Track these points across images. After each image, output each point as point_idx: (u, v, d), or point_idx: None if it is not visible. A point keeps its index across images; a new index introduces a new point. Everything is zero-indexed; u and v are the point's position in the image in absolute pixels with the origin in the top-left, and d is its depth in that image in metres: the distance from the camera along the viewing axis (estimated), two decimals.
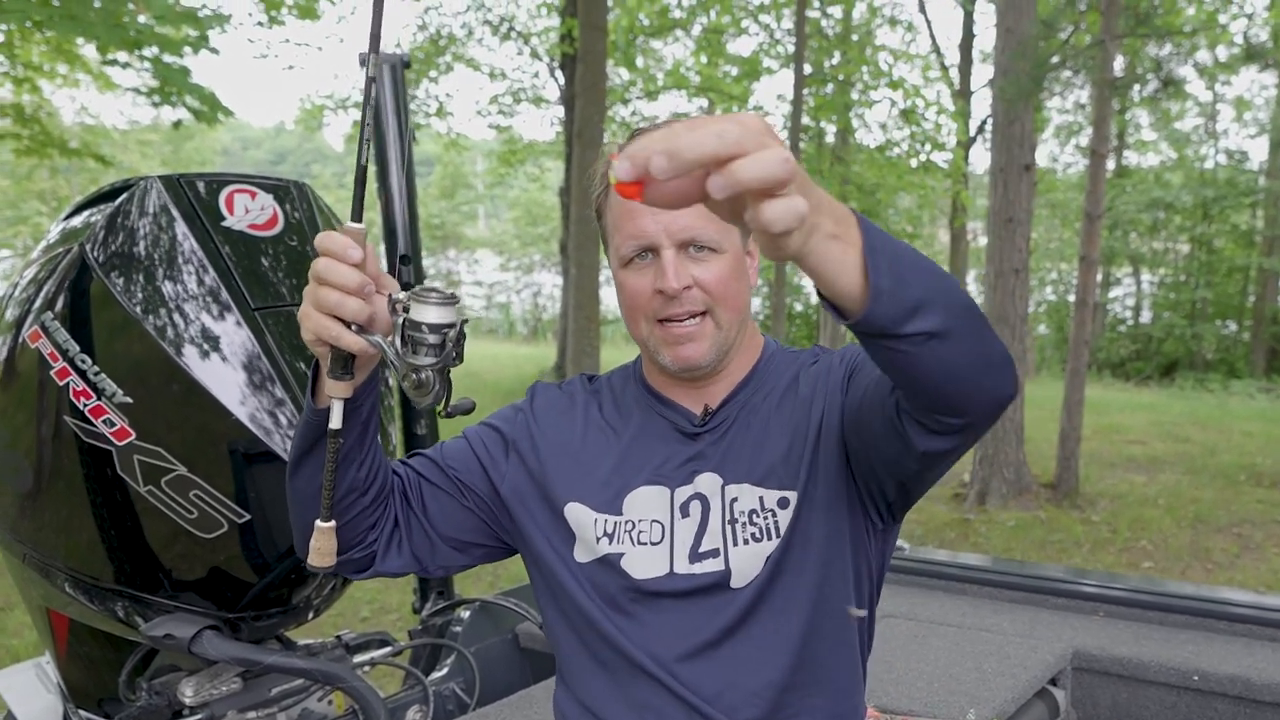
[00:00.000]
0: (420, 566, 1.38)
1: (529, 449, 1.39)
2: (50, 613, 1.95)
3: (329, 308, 1.05)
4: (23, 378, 1.78)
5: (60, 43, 8.91)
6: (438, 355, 1.08)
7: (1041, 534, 6.98)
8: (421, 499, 1.37)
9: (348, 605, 5.23)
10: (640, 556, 1.31)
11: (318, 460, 1.21)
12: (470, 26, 15.78)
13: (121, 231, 1.77)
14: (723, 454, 1.33)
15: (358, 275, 1.05)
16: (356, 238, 1.06)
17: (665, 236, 1.26)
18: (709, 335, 1.30)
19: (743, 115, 0.76)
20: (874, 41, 17.22)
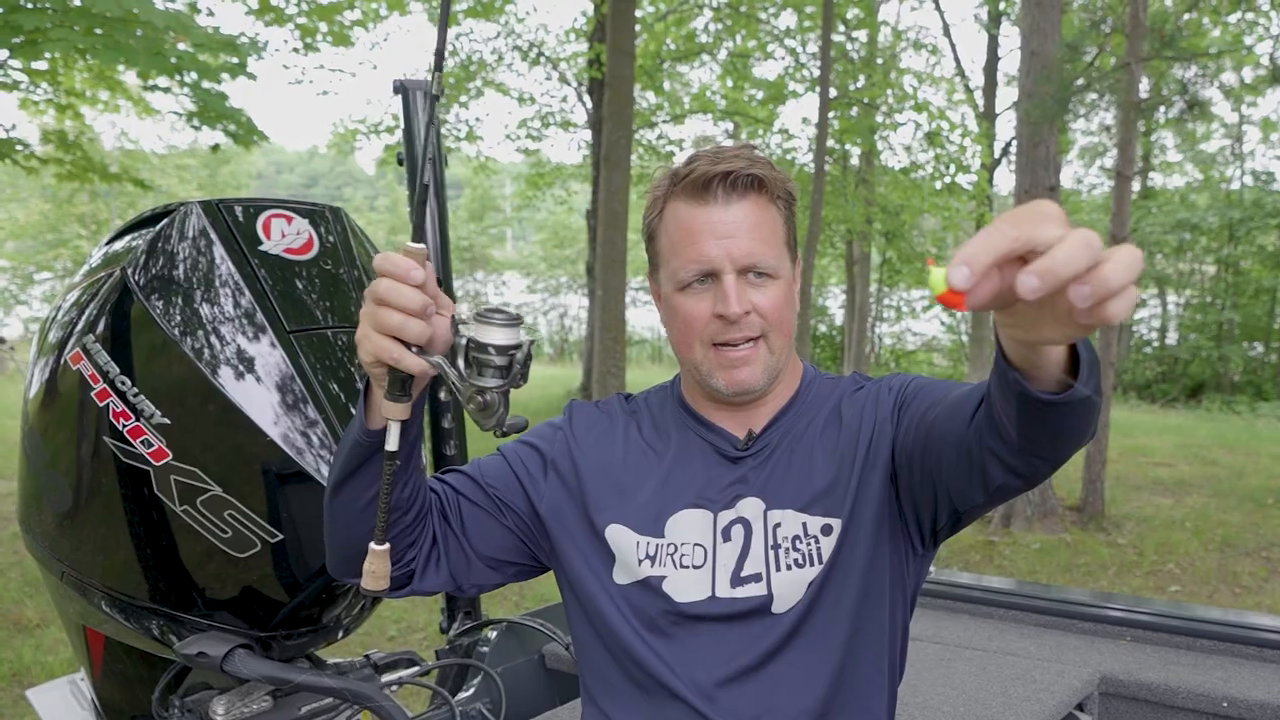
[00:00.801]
0: (456, 585, 1.37)
1: (569, 469, 1.39)
2: (87, 630, 1.96)
3: (391, 329, 1.04)
4: (64, 398, 1.80)
5: (102, 69, 9.05)
6: (504, 377, 1.06)
7: (1067, 557, 6.90)
8: (460, 517, 1.36)
9: (375, 624, 5.24)
10: (682, 580, 1.30)
11: (363, 480, 1.20)
12: (500, 52, 15.90)
13: (162, 255, 1.79)
14: (766, 479, 1.32)
15: (420, 297, 1.04)
16: (418, 258, 1.04)
17: (728, 261, 1.27)
18: (762, 359, 1.30)
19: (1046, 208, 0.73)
20: (899, 65, 17.22)
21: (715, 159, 1.28)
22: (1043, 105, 6.66)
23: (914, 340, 24.29)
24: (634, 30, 10.70)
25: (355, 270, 1.89)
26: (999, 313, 0.81)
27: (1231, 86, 15.56)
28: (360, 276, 1.89)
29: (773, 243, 1.29)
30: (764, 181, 1.29)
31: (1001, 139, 17.65)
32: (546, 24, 17.66)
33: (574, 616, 1.41)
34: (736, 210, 1.27)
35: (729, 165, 1.27)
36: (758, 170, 1.28)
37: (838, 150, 16.37)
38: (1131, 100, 6.94)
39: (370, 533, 1.17)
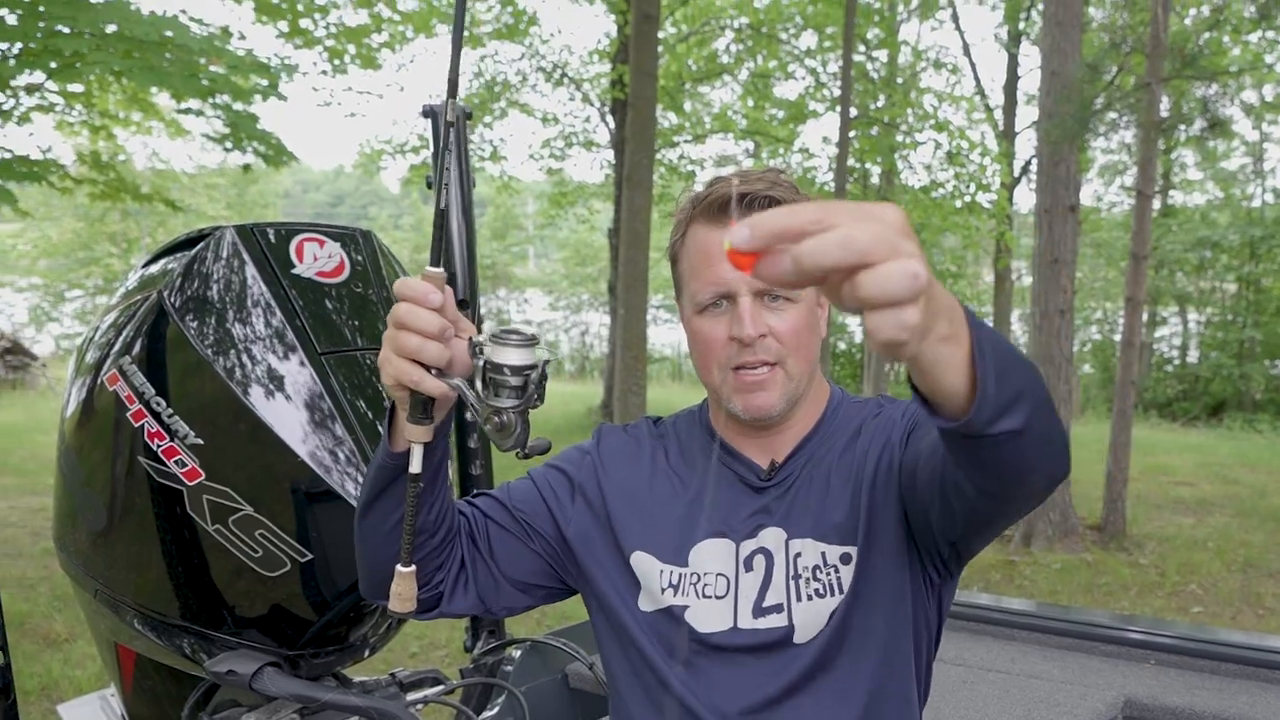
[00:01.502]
0: (484, 607, 1.37)
1: (595, 494, 1.38)
2: (118, 647, 1.97)
3: (409, 352, 1.04)
4: (100, 418, 1.82)
5: (135, 92, 9.18)
6: (519, 397, 1.06)
7: (1088, 577, 6.83)
8: (488, 540, 1.36)
9: (398, 641, 5.24)
10: (705, 610, 1.30)
11: (389, 503, 1.21)
12: (525, 73, 16.01)
13: (197, 278, 1.81)
14: (787, 508, 1.31)
15: (438, 320, 1.04)
16: (436, 282, 1.05)
17: (743, 284, 1.25)
18: (779, 384, 1.28)
19: (878, 210, 0.71)
20: (919, 84, 17.21)
21: (735, 182, 1.28)
22: (1063, 125, 6.64)
23: None
24: (656, 52, 10.75)
25: (385, 292, 1.90)
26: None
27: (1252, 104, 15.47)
28: (389, 298, 1.90)
29: None
30: (783, 203, 1.27)
31: (1021, 157, 17.59)
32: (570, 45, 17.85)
33: (604, 639, 1.40)
34: None
35: (748, 188, 1.26)
36: (776, 193, 1.27)
37: (858, 169, 16.36)
38: (1152, 119, 6.91)
39: (397, 556, 1.17)
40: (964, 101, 17.94)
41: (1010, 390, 0.87)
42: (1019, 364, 0.90)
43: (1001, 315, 18.09)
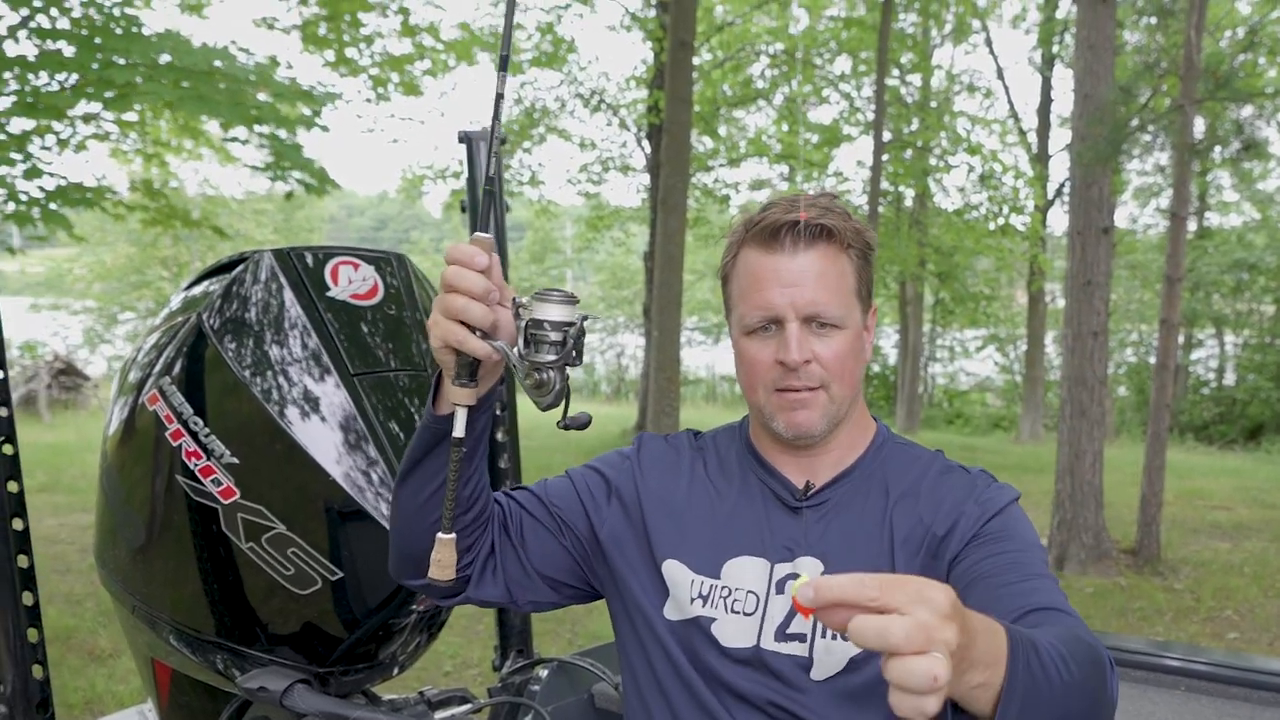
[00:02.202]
0: (511, 599, 1.37)
1: (632, 499, 1.38)
2: (155, 662, 1.99)
3: (455, 312, 1.07)
4: (141, 437, 1.84)
5: (187, 120, 9.34)
6: (559, 352, 1.09)
7: (1121, 601, 6.70)
8: (521, 531, 1.36)
9: (430, 660, 5.25)
10: (731, 624, 1.29)
11: (429, 468, 1.22)
12: (563, 99, 16.13)
13: (236, 301, 1.83)
14: (827, 540, 1.30)
15: (483, 281, 1.07)
16: (484, 246, 1.08)
17: (792, 310, 1.26)
18: (822, 405, 1.29)
19: (929, 593, 0.78)
20: (952, 108, 17.14)
21: (789, 207, 1.28)
22: (1095, 147, 6.57)
23: (967, 380, 23.94)
24: (691, 78, 10.79)
25: (418, 314, 1.91)
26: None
27: None
28: (422, 320, 1.91)
29: (839, 292, 1.28)
30: (834, 231, 1.27)
31: (1056, 180, 17.44)
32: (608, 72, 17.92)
33: (629, 645, 1.39)
34: (804, 259, 1.27)
35: (800, 214, 1.27)
36: (828, 220, 1.27)
37: (892, 192, 16.30)
38: (1185, 141, 6.82)
39: (430, 527, 1.20)
40: (997, 124, 17.83)
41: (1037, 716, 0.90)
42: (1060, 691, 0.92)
43: (1036, 337, 17.90)
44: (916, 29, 16.85)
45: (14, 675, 1.72)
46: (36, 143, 7.49)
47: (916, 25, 16.95)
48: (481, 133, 2.39)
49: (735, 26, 16.08)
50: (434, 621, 1.92)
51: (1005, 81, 23.65)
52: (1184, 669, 2.44)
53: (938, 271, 17.96)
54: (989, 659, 0.86)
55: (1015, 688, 0.87)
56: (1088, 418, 7.15)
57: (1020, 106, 20.31)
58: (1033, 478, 11.26)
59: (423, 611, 1.85)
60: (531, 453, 2.03)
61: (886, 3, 12.68)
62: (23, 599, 1.73)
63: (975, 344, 23.41)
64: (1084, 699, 0.96)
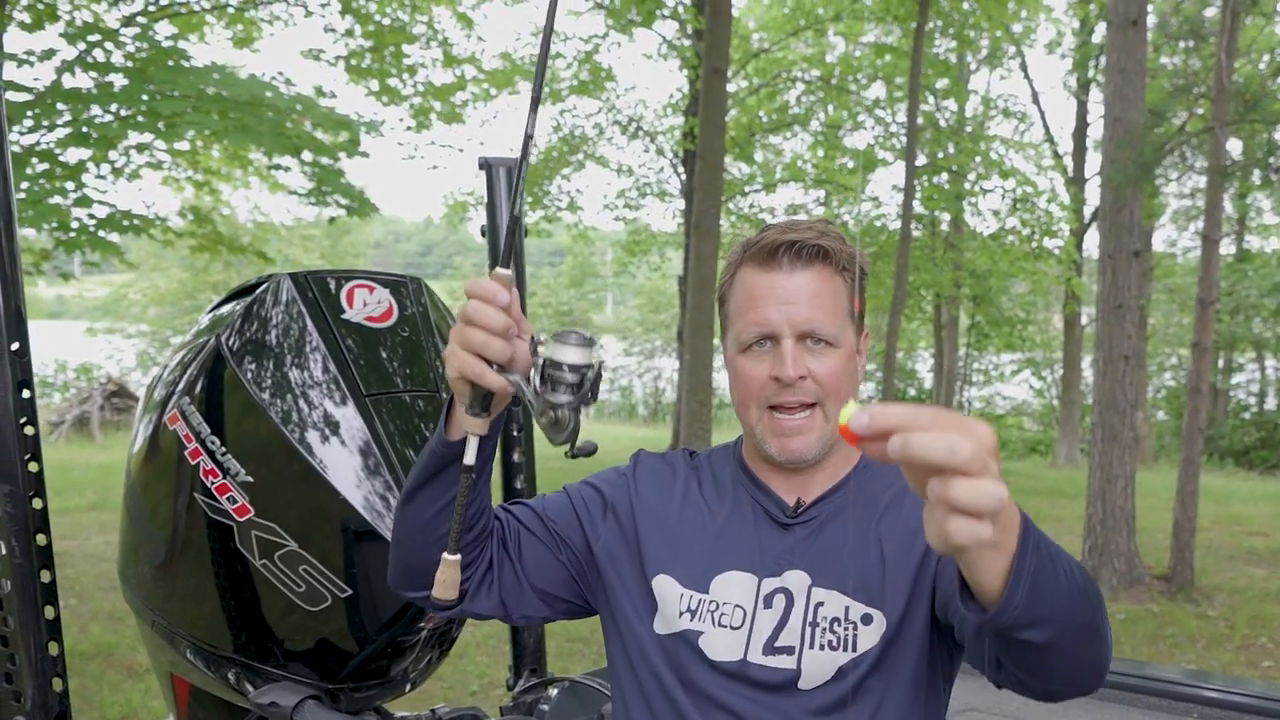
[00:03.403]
0: (505, 612, 1.37)
1: (626, 514, 1.39)
2: (174, 677, 2.00)
3: (475, 348, 1.08)
4: (163, 456, 1.85)
5: (235, 149, 9.52)
6: (575, 394, 1.10)
7: (1153, 628, 6.54)
8: (519, 545, 1.37)
9: (458, 679, 5.24)
10: (718, 638, 1.28)
11: (434, 489, 1.23)
12: (602, 126, 16.23)
13: (255, 322, 1.84)
14: (815, 554, 1.29)
15: (503, 318, 1.08)
16: (504, 283, 1.09)
17: (787, 326, 1.27)
18: (816, 429, 1.29)
19: (978, 429, 0.80)
20: (987, 132, 17.02)
21: (786, 229, 1.30)
22: (1125, 170, 6.48)
23: (1004, 404, 23.62)
24: (725, 105, 10.82)
25: (433, 337, 1.92)
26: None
27: None
28: (437, 342, 1.91)
29: (834, 312, 1.29)
30: (829, 252, 1.29)
31: (1091, 204, 17.23)
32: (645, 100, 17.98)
33: (617, 658, 1.39)
34: (800, 278, 1.28)
35: (797, 235, 1.28)
36: (824, 242, 1.28)
37: (927, 216, 16.20)
38: (1217, 164, 6.71)
39: (432, 544, 1.21)
40: (1032, 149, 17.68)
41: (1043, 607, 0.91)
42: (1067, 590, 0.95)
43: (1071, 361, 17.64)
44: (954, 53, 16.79)
45: (35, 688, 1.74)
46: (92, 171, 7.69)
47: (951, 51, 16.89)
48: (501, 160, 2.41)
49: (771, 53, 16.11)
50: (444, 638, 1.91)
51: (1041, 106, 23.48)
52: (1193, 695, 2.37)
53: (972, 294, 17.80)
54: (1006, 522, 0.87)
55: (1025, 561, 0.89)
56: (1119, 442, 7.03)
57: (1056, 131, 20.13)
58: (1067, 502, 11.07)
59: (433, 628, 1.84)
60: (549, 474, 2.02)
61: (919, 28, 12.65)
62: (44, 613, 1.75)
63: (1011, 368, 23.11)
64: (1086, 611, 0.97)
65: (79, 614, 6.52)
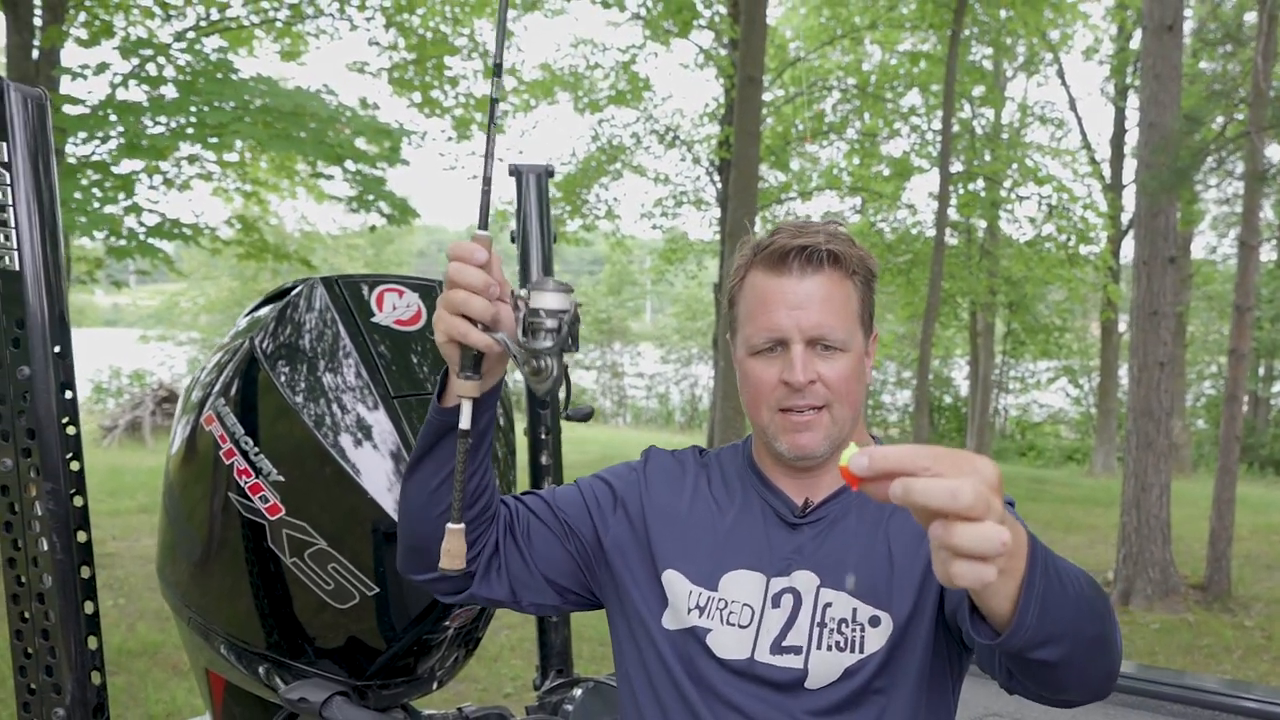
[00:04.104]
0: (514, 598, 1.38)
1: (636, 509, 1.39)
2: (209, 673, 2.02)
3: (457, 306, 1.09)
4: (200, 456, 1.88)
5: (282, 160, 9.67)
6: (555, 338, 1.12)
7: (1188, 638, 6.40)
8: (528, 532, 1.37)
9: (492, 681, 5.25)
10: (726, 636, 1.28)
11: (435, 460, 1.24)
12: (639, 136, 16.24)
13: (288, 325, 1.86)
14: (823, 554, 1.29)
15: (482, 275, 1.09)
16: (483, 243, 1.11)
17: (797, 332, 1.27)
18: (824, 427, 1.29)
19: (981, 466, 0.79)
20: (1023, 140, 16.83)
21: (796, 233, 1.29)
22: (1159, 176, 6.38)
23: (1040, 412, 23.30)
24: (760, 113, 10.79)
25: None
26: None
27: None
28: None
29: (843, 316, 1.29)
30: (839, 257, 1.28)
31: (1129, 210, 16.97)
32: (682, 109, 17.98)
33: (626, 652, 1.39)
34: (810, 283, 1.27)
35: (807, 240, 1.28)
36: (834, 246, 1.28)
37: (963, 223, 16.04)
38: (1255, 169, 6.58)
39: (436, 519, 1.23)
40: (1068, 155, 17.45)
41: (1053, 626, 0.91)
42: (1076, 607, 0.94)
43: (1108, 368, 17.38)
44: (987, 61, 16.63)
45: (74, 681, 1.76)
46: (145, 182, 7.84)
47: (988, 58, 16.73)
48: (531, 166, 2.42)
49: (807, 62, 16.04)
50: (470, 638, 1.92)
51: (1078, 112, 23.15)
52: (1222, 703, 2.30)
53: (1008, 301, 17.59)
54: (1014, 548, 0.86)
55: (1034, 584, 0.88)
56: (1154, 450, 6.90)
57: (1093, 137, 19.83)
58: (1102, 511, 10.89)
59: (458, 627, 1.85)
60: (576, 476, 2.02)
61: (954, 35, 12.54)
62: (84, 608, 1.77)
63: (1048, 375, 22.80)
64: (1096, 625, 0.97)
65: (127, 613, 6.62)
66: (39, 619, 1.74)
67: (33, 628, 1.74)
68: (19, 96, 1.65)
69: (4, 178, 1.66)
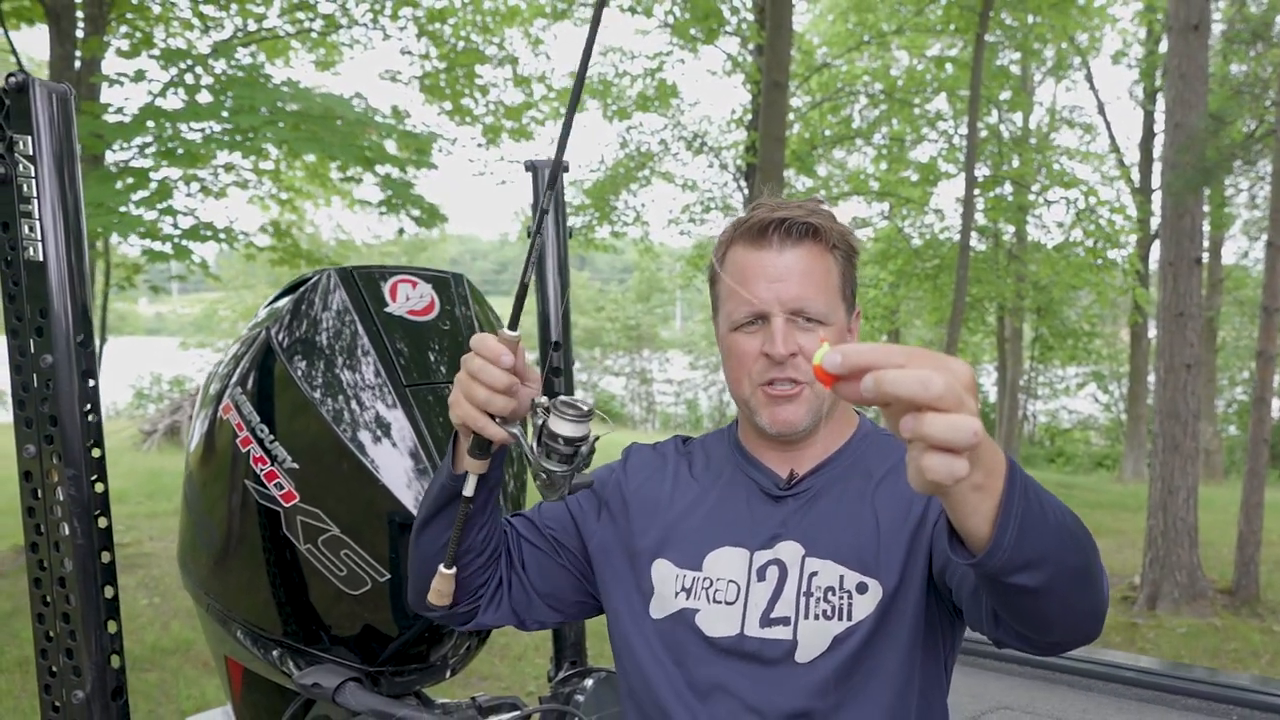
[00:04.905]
0: (517, 620, 1.39)
1: (619, 507, 1.38)
2: (228, 660, 2.03)
3: (479, 403, 1.11)
4: (219, 447, 1.89)
5: (315, 168, 9.77)
6: (569, 464, 1.12)
7: (1215, 642, 6.29)
8: (521, 556, 1.38)
9: (516, 679, 5.25)
10: (714, 614, 1.27)
11: (445, 521, 1.24)
12: (667, 142, 16.24)
13: (303, 315, 1.87)
14: (807, 524, 1.27)
15: (507, 378, 1.10)
16: (510, 345, 1.11)
17: (778, 305, 1.25)
18: (806, 400, 1.27)
19: (953, 364, 0.78)
20: (1052, 144, 16.66)
21: (775, 207, 1.28)
22: (1185, 175, 6.28)
23: (1069, 418, 23.01)
24: (785, 118, 10.76)
25: (472, 331, 1.92)
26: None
27: None
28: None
29: (824, 289, 1.27)
30: (819, 230, 1.27)
31: (1159, 216, 16.74)
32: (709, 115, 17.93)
33: (619, 648, 1.38)
34: (790, 256, 1.26)
35: (786, 213, 1.27)
36: (814, 219, 1.27)
37: (990, 228, 15.89)
38: None
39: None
40: (1096, 158, 17.25)
41: (1033, 550, 0.88)
42: (1057, 533, 0.91)
43: (1138, 374, 17.13)
44: (1015, 65, 16.48)
45: (94, 664, 1.77)
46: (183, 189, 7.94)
47: (1015, 63, 16.58)
48: (546, 162, 2.41)
49: (834, 68, 15.98)
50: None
51: (1106, 116, 22.84)
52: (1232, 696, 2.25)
53: (1035, 306, 17.40)
54: (990, 464, 0.84)
55: (1013, 504, 0.86)
56: (1181, 452, 6.79)
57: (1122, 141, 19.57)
58: (1130, 516, 10.74)
59: None
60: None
61: (979, 39, 12.45)
62: (104, 592, 1.78)
63: (1077, 381, 22.52)
64: (1078, 555, 0.93)
65: (162, 612, 6.70)
66: (60, 603, 1.75)
67: (54, 611, 1.75)
68: (44, 92, 1.67)
69: (29, 171, 1.68)
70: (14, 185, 1.65)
